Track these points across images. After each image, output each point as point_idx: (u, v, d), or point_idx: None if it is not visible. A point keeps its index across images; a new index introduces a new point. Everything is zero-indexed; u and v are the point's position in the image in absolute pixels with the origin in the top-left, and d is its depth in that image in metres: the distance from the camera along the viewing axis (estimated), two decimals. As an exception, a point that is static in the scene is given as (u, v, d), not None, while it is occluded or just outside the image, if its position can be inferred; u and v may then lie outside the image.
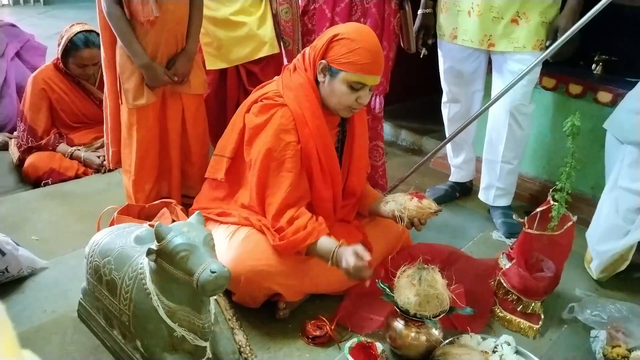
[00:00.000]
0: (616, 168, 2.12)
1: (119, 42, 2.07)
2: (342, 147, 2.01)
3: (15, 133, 3.15)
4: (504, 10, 2.26)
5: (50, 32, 3.05)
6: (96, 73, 3.02)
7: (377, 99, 2.50)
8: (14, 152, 3.01)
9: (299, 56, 1.91)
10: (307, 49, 1.90)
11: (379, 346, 1.70)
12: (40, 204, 2.58)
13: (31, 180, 2.84)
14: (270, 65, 2.44)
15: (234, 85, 2.50)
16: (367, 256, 1.67)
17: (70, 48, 2.84)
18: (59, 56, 2.90)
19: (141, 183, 2.26)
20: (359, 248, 1.70)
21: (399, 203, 1.89)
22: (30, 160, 2.87)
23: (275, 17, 2.43)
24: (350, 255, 1.67)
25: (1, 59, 3.41)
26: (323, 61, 1.79)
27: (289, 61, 2.29)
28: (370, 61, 1.75)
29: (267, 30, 2.40)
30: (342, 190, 2.01)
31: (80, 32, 2.85)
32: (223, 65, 2.40)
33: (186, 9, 2.10)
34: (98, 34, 2.85)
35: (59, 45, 2.88)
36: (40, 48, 3.73)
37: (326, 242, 1.76)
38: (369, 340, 1.72)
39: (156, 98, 2.15)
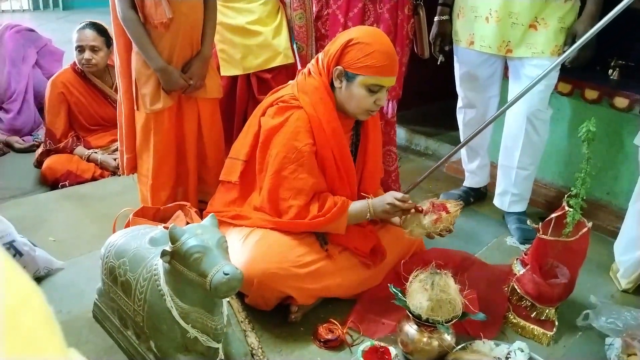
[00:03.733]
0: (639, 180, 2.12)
1: (135, 48, 2.09)
2: (355, 151, 2.02)
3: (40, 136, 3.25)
4: (522, 16, 2.25)
5: (68, 37, 3.10)
6: (112, 77, 3.07)
7: (390, 104, 2.50)
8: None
9: (313, 61, 1.93)
10: (319, 54, 1.91)
11: (392, 350, 1.70)
12: (57, 205, 2.62)
13: (49, 183, 2.89)
14: (283, 73, 2.45)
15: (243, 93, 2.51)
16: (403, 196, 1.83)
17: (75, 33, 2.94)
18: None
19: (158, 188, 2.27)
20: (394, 192, 1.86)
21: (426, 226, 1.82)
22: (48, 162, 2.92)
23: (289, 22, 2.45)
24: (390, 195, 1.85)
25: (23, 64, 3.48)
26: (339, 67, 1.80)
27: (303, 66, 2.30)
28: (386, 63, 1.76)
29: (282, 41, 2.41)
30: (356, 194, 2.01)
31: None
32: (236, 72, 2.43)
33: (200, 13, 2.12)
34: (105, 29, 2.93)
35: None
36: (57, 53, 3.80)
37: (357, 203, 1.90)
38: (382, 344, 1.72)
39: (172, 102, 2.17)
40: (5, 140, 3.34)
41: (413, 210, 1.84)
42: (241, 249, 1.82)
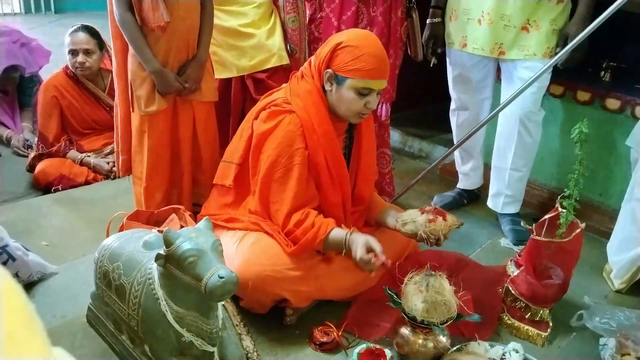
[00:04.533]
0: (632, 180, 2.13)
1: (131, 50, 2.09)
2: (349, 154, 2.02)
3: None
4: (514, 18, 2.26)
5: (60, 40, 3.10)
6: (106, 79, 3.07)
7: (384, 107, 2.51)
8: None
9: (306, 64, 1.93)
10: (312, 57, 1.92)
11: (388, 352, 1.70)
12: (50, 209, 2.61)
13: (41, 187, 2.87)
14: (279, 72, 2.45)
15: (238, 94, 2.51)
16: (377, 248, 1.74)
17: (67, 37, 2.94)
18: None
19: (152, 190, 2.27)
20: (371, 240, 1.77)
21: (419, 224, 1.85)
22: (40, 166, 2.90)
23: (283, 25, 2.45)
24: (361, 246, 1.75)
25: (13, 45, 3.51)
26: (329, 70, 1.80)
27: (296, 69, 2.31)
28: (375, 66, 1.76)
29: (276, 42, 2.41)
30: (350, 197, 2.01)
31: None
32: (229, 75, 2.42)
33: (197, 17, 2.12)
34: (98, 32, 2.94)
35: None
36: (44, 50, 3.82)
37: (337, 233, 1.82)
38: (377, 346, 1.72)
39: (167, 105, 2.17)
40: (6, 136, 3.34)
41: (417, 211, 1.87)
42: (236, 251, 1.82)
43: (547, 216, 1.92)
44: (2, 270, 0.42)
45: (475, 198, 2.88)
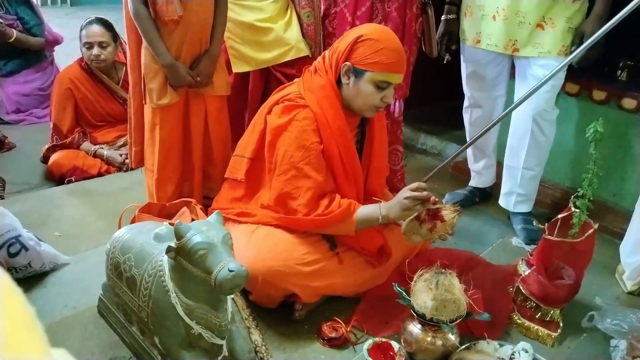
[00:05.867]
0: None
1: (144, 43, 2.10)
2: (361, 149, 2.02)
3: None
4: (530, 15, 2.24)
5: (75, 33, 3.11)
6: (120, 72, 3.09)
7: (397, 103, 2.50)
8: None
9: (320, 58, 1.93)
10: (326, 52, 1.91)
11: (395, 345, 1.70)
12: (63, 201, 2.63)
13: (55, 178, 2.90)
14: (306, 65, 2.45)
15: (256, 89, 2.51)
16: (420, 187, 1.78)
17: (81, 29, 2.96)
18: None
19: (164, 183, 2.29)
20: (411, 186, 1.80)
21: (422, 235, 1.83)
22: (54, 158, 2.93)
23: (299, 19, 2.44)
24: (404, 191, 1.80)
25: None
26: (347, 63, 1.80)
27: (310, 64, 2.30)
28: (395, 60, 1.77)
29: (293, 34, 2.41)
30: (362, 192, 2.01)
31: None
32: (248, 68, 2.42)
33: (210, 11, 2.13)
34: (112, 24, 2.97)
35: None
36: (58, 33, 3.97)
37: (368, 207, 1.85)
38: (383, 339, 1.73)
39: (179, 98, 2.18)
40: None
41: (412, 218, 1.84)
42: (246, 246, 1.82)
43: (560, 216, 1.90)
44: (1, 272, 0.42)
45: (487, 196, 2.86)
